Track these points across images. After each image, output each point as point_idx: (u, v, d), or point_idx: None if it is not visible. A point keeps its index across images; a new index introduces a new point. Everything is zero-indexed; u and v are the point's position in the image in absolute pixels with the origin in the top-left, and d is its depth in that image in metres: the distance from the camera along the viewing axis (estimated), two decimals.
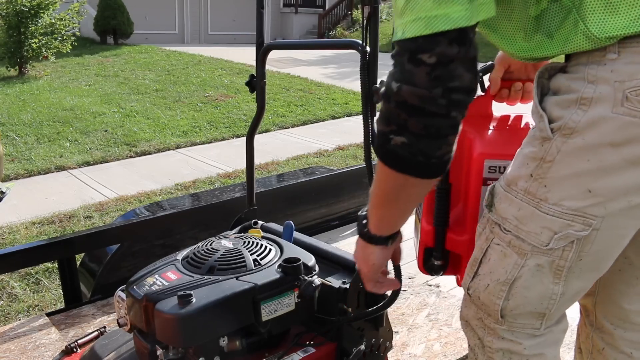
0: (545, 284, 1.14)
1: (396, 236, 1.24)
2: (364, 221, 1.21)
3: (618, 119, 0.98)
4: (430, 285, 2.73)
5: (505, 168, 1.25)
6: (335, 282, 1.78)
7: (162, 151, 6.95)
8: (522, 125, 1.38)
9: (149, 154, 6.84)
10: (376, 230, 1.20)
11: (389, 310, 2.43)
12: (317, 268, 1.69)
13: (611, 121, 0.98)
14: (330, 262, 1.90)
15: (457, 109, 0.98)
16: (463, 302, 1.32)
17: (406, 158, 1.03)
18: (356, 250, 1.28)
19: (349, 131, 7.85)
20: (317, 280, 1.64)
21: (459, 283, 1.48)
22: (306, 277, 1.62)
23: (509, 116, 1.43)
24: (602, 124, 0.99)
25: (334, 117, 8.76)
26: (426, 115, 0.98)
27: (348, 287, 1.73)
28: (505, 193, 1.15)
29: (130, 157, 6.69)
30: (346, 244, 3.20)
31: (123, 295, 1.63)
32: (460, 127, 1.02)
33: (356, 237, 1.30)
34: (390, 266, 1.40)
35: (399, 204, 1.13)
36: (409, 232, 1.60)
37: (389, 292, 1.70)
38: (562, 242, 1.09)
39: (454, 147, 1.05)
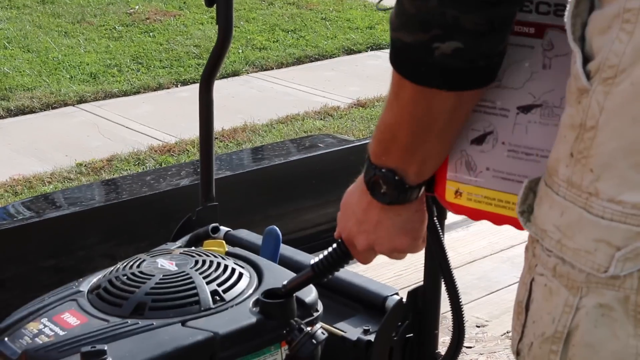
0: (623, 338, 1.13)
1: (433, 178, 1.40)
2: (395, 177, 1.32)
3: None
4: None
5: None
6: (351, 331, 1.78)
7: (53, 108, 6.93)
8: None
9: (31, 112, 6.82)
10: (418, 177, 1.33)
11: None
12: (320, 307, 1.70)
13: None
14: (342, 297, 1.91)
15: None
16: None
17: (463, 69, 1.18)
18: (375, 226, 1.39)
19: (375, 75, 7.80)
20: (320, 329, 1.64)
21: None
22: (302, 323, 1.62)
23: None
24: None
25: (349, 52, 8.70)
26: (488, 5, 1.12)
27: (373, 340, 1.73)
28: (546, 189, 1.19)
29: None
30: (369, 266, 3.20)
31: None
32: None
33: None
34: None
35: (450, 132, 1.29)
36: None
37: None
38: (631, 263, 1.09)
39: None
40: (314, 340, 1.61)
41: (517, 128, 1.33)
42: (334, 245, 1.56)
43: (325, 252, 1.56)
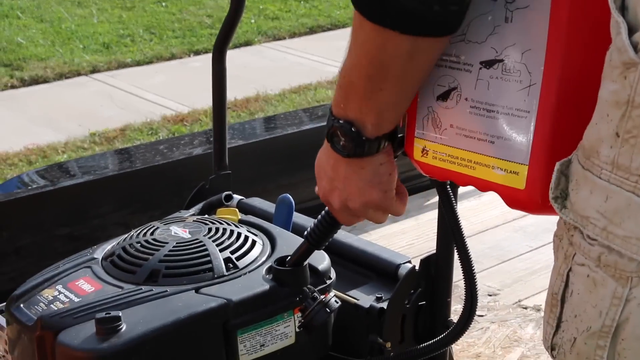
0: None
1: (397, 130, 1.38)
2: (352, 128, 1.31)
3: None
4: (526, 308, 2.74)
5: None
6: (364, 298, 1.78)
7: (67, 77, 6.92)
8: None
9: (45, 82, 6.82)
10: (376, 129, 1.32)
11: (456, 349, 2.45)
12: (333, 274, 1.70)
13: None
14: (355, 265, 1.91)
15: None
16: None
17: (418, 11, 1.17)
18: (344, 182, 1.38)
19: None
20: (333, 297, 1.65)
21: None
22: (315, 290, 1.63)
23: None
24: None
25: None
26: None
27: (385, 307, 1.73)
28: (584, 172, 1.13)
29: (13, 87, 6.68)
30: (381, 235, 3.20)
31: (1, 319, 1.64)
32: None
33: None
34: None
35: (407, 82, 1.27)
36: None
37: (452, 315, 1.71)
38: None
39: None
40: (327, 309, 1.61)
41: (480, 84, 1.31)
42: (323, 211, 1.56)
43: (316, 220, 1.56)
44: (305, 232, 1.57)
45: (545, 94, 1.26)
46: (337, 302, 1.64)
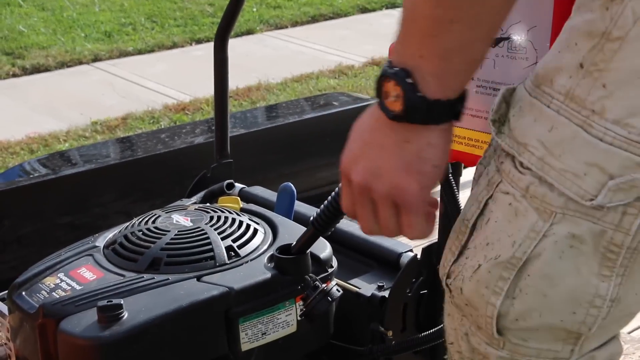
0: (585, 274, 1.08)
1: (463, 103, 1.13)
2: (407, 79, 1.06)
3: None
4: None
5: None
6: (365, 287, 1.79)
7: (68, 66, 6.93)
8: None
9: (47, 70, 6.82)
10: (438, 85, 1.07)
11: None
12: (335, 263, 1.70)
13: None
14: (356, 254, 1.91)
15: None
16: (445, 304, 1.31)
17: None
18: (378, 152, 1.11)
19: (389, 34, 7.47)
20: (334, 286, 1.65)
21: None
22: (317, 279, 1.63)
23: None
24: None
25: (363, 10, 8.67)
26: None
27: (387, 296, 1.74)
28: (531, 99, 1.10)
29: (14, 75, 6.69)
30: None
31: (3, 307, 1.64)
32: None
33: None
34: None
35: (486, 17, 1.05)
36: None
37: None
38: (621, 195, 1.02)
39: None
40: (329, 298, 1.61)
41: (486, 62, 1.30)
42: (330, 196, 1.56)
43: (322, 206, 1.56)
44: (311, 218, 1.57)
45: None
46: (339, 291, 1.64)
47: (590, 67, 1.03)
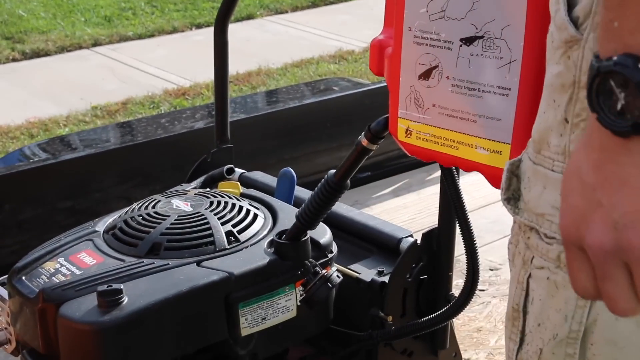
0: None
1: None
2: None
3: None
4: None
5: None
6: (365, 272, 1.79)
7: (68, 51, 6.92)
8: None
9: (47, 55, 6.81)
10: None
11: (457, 323, 2.46)
12: (335, 248, 1.70)
13: None
14: (357, 239, 1.91)
15: None
16: None
17: None
18: (618, 189, 0.77)
19: None
20: (335, 271, 1.65)
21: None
22: (317, 264, 1.63)
23: None
24: None
25: None
26: None
27: (387, 281, 1.74)
28: (535, 167, 1.05)
29: (14, 60, 6.68)
30: (383, 209, 3.20)
31: (3, 292, 1.64)
32: None
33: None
34: None
35: None
36: None
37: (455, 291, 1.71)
38: None
39: None
40: (329, 284, 1.62)
41: (460, 61, 1.29)
42: (317, 188, 1.55)
43: (309, 198, 1.56)
44: (297, 212, 1.57)
45: (525, 71, 1.25)
46: (339, 277, 1.64)
47: (574, 120, 0.98)
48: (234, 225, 1.68)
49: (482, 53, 1.27)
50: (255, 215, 1.74)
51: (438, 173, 1.72)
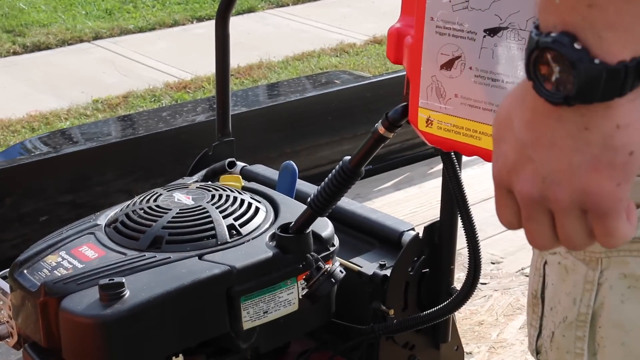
0: None
1: None
2: (575, 44, 0.77)
3: None
4: (528, 276, 2.76)
5: None
6: (367, 265, 1.79)
7: (69, 44, 6.92)
8: None
9: (47, 48, 6.81)
10: (622, 40, 0.76)
11: (459, 316, 2.46)
12: (336, 242, 1.70)
13: None
14: (358, 232, 1.91)
15: None
16: None
17: None
18: (548, 151, 0.82)
19: (391, 12, 7.64)
20: (337, 264, 1.65)
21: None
22: (319, 258, 1.63)
23: None
24: None
25: None
26: None
27: (389, 275, 1.74)
28: None
29: (15, 53, 6.67)
30: (384, 203, 3.20)
31: (5, 285, 1.64)
32: None
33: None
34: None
35: None
36: None
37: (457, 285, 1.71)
38: None
39: None
40: (332, 279, 1.61)
41: (484, 52, 1.29)
42: (331, 174, 1.55)
43: (320, 187, 1.55)
44: (309, 199, 1.57)
45: None
46: (342, 272, 1.64)
47: None
48: (236, 219, 1.68)
49: (506, 44, 1.27)
50: (257, 209, 1.74)
51: (440, 166, 1.72)
